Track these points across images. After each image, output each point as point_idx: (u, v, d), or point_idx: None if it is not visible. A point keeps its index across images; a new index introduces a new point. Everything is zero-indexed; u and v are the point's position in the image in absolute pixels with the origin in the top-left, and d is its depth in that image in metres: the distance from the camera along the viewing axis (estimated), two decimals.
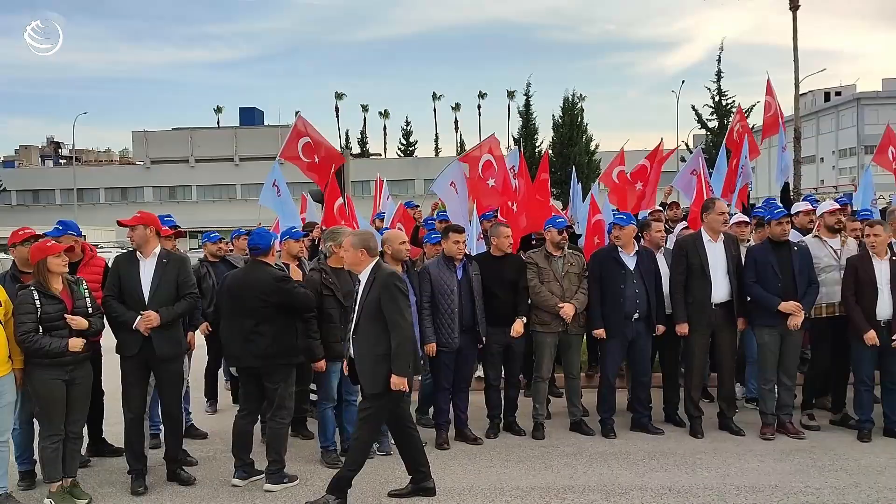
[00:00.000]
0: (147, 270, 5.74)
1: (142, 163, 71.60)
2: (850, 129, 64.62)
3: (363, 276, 5.35)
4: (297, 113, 9.71)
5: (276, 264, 6.19)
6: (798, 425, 6.88)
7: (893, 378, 6.66)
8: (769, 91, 10.51)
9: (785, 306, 6.60)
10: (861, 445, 6.51)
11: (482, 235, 8.10)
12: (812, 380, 7.23)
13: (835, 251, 6.98)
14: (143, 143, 71.29)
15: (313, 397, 6.92)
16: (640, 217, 8.56)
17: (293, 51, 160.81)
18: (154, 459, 6.15)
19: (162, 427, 6.22)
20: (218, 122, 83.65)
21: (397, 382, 5.14)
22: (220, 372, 8.39)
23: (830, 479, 5.74)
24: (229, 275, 6.29)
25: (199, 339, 7.52)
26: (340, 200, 8.64)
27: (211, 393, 8.28)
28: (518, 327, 6.82)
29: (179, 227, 7.26)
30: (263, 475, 5.86)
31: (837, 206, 7.24)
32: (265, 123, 75.06)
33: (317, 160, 9.14)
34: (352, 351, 5.41)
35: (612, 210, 8.78)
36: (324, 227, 8.08)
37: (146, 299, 5.67)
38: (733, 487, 5.60)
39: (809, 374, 7.26)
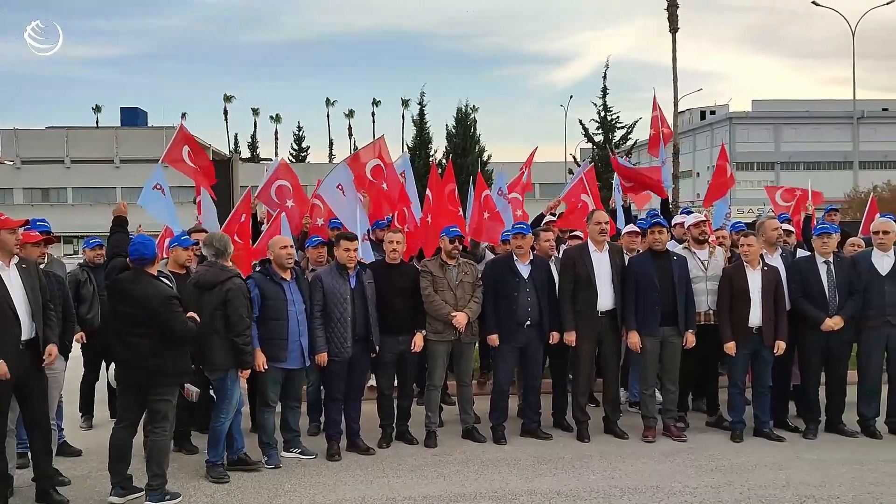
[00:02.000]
0: (14, 282, 5.32)
1: (11, 162, 67.09)
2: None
3: None
4: (183, 115, 9.39)
5: (164, 272, 5.96)
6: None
7: (763, 382, 7.08)
8: (655, 107, 10.92)
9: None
10: (734, 445, 6.88)
11: (366, 237, 8.01)
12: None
13: (702, 262, 7.32)
14: (13, 141, 66.85)
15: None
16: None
17: (181, 50, 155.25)
18: (21, 480, 5.73)
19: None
20: (97, 122, 79.67)
21: None
22: (107, 382, 7.91)
23: (707, 478, 6.03)
24: (114, 281, 5.90)
25: (73, 348, 7.08)
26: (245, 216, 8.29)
27: (86, 407, 7.81)
28: (419, 341, 6.83)
29: (51, 232, 6.79)
30: (143, 492, 5.57)
31: (702, 219, 7.62)
32: (148, 124, 71.98)
33: (201, 164, 8.89)
34: None
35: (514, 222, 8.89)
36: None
37: (24, 315, 5.29)
38: (618, 489, 5.79)
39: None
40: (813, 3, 40.62)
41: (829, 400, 7.26)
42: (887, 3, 40.14)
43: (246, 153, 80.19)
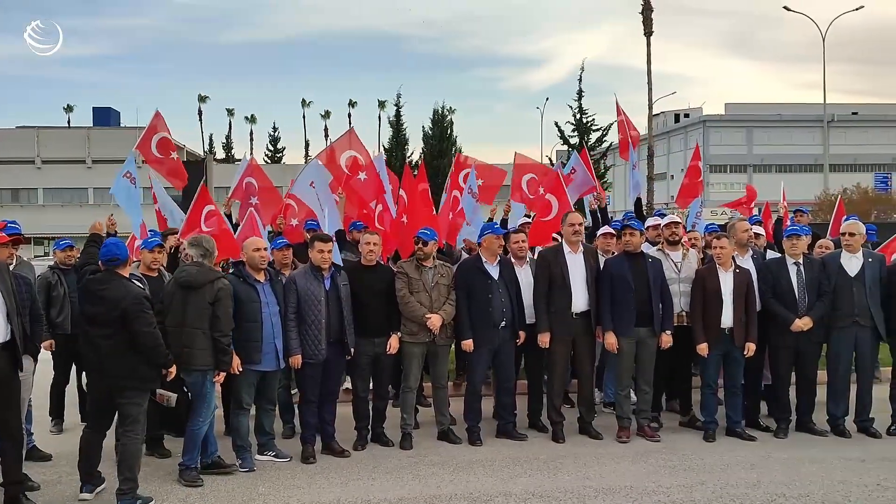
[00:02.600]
0: None
1: None
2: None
3: None
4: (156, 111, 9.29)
5: (136, 275, 5.90)
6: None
7: (735, 382, 7.17)
8: (619, 112, 11.04)
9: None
10: (707, 445, 6.95)
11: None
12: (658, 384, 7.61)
13: (675, 264, 7.39)
14: None
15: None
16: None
17: (155, 49, 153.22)
18: None
19: None
20: (68, 122, 78.56)
21: None
22: (77, 385, 7.81)
23: (680, 478, 6.09)
24: (87, 282, 5.76)
25: (43, 352, 6.98)
26: (210, 207, 8.20)
27: (56, 411, 7.69)
28: (394, 343, 6.82)
29: (21, 234, 6.69)
30: (109, 485, 5.55)
31: (675, 220, 7.69)
32: (121, 125, 71.09)
33: (174, 156, 8.83)
34: None
35: (484, 222, 8.92)
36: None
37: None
38: (592, 490, 5.83)
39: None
40: (784, 8, 41.21)
41: (800, 400, 7.36)
42: (857, 9, 40.90)
43: (221, 154, 79.52)
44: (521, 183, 9.94)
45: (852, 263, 7.17)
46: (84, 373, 7.10)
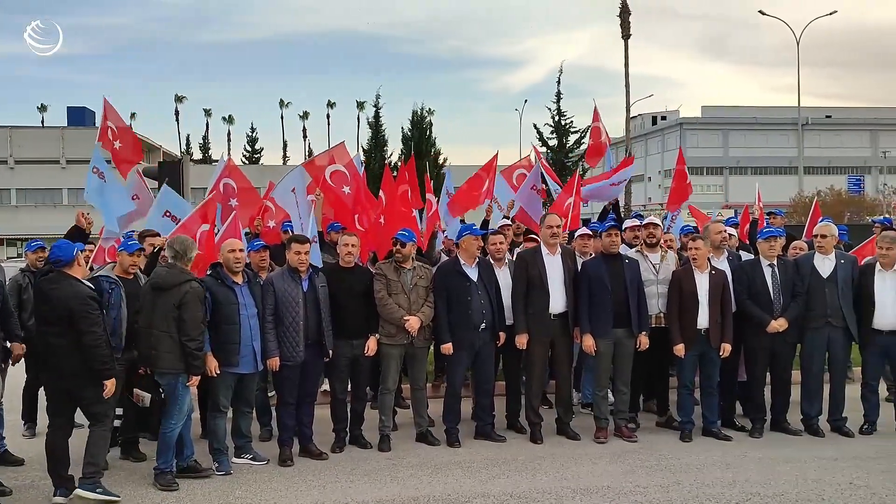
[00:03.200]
0: None
1: None
2: (674, 150, 70.01)
3: None
4: (133, 114, 9.30)
5: (109, 276, 5.83)
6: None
7: (711, 382, 7.23)
8: (596, 118, 11.09)
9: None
10: (683, 445, 7.01)
11: (315, 239, 7.97)
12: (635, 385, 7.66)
13: (654, 266, 7.44)
14: None
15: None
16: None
17: (131, 49, 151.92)
18: None
19: None
20: (42, 122, 77.55)
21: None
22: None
23: (657, 478, 6.13)
24: (38, 282, 5.84)
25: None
26: (206, 227, 8.10)
27: (29, 415, 7.58)
28: (372, 345, 6.81)
29: None
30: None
31: (654, 221, 7.73)
32: (96, 125, 70.17)
33: (117, 146, 8.76)
34: None
35: (460, 223, 8.95)
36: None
37: None
38: (570, 490, 5.85)
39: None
40: (760, 12, 41.71)
41: (775, 399, 7.44)
42: (830, 14, 41.53)
43: (198, 154, 78.94)
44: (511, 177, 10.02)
45: (825, 265, 7.26)
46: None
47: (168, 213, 8.26)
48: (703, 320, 7.04)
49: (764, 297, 7.21)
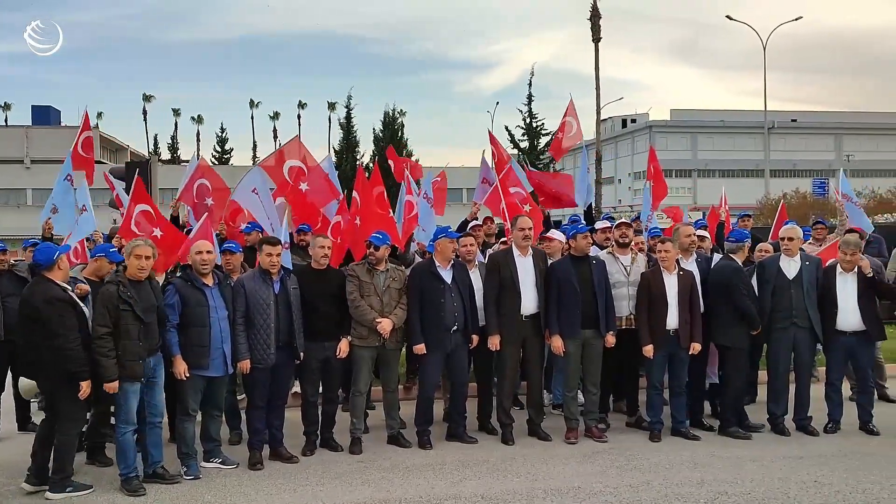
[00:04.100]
0: None
1: None
2: (643, 153, 70.51)
3: None
4: (99, 114, 9.16)
5: (77, 278, 5.78)
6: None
7: (680, 382, 7.31)
8: (569, 112, 11.03)
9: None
10: (653, 445, 7.08)
11: (286, 245, 7.93)
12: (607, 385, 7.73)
13: (625, 267, 7.52)
14: None
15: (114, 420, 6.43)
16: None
17: (98, 46, 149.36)
18: None
19: None
20: (6, 120, 76.03)
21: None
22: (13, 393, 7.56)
23: (627, 478, 6.19)
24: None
25: None
26: (143, 207, 7.98)
27: None
28: (344, 347, 6.78)
29: None
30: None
31: (626, 221, 7.81)
32: (62, 123, 69.06)
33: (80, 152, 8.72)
34: None
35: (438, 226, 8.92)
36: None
37: None
38: (540, 491, 5.88)
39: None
40: (727, 17, 42.33)
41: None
42: (796, 19, 42.29)
43: (166, 155, 77.97)
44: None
45: (790, 266, 7.39)
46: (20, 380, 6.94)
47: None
48: (672, 321, 7.12)
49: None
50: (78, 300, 5.84)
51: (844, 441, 7.16)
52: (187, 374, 6.10)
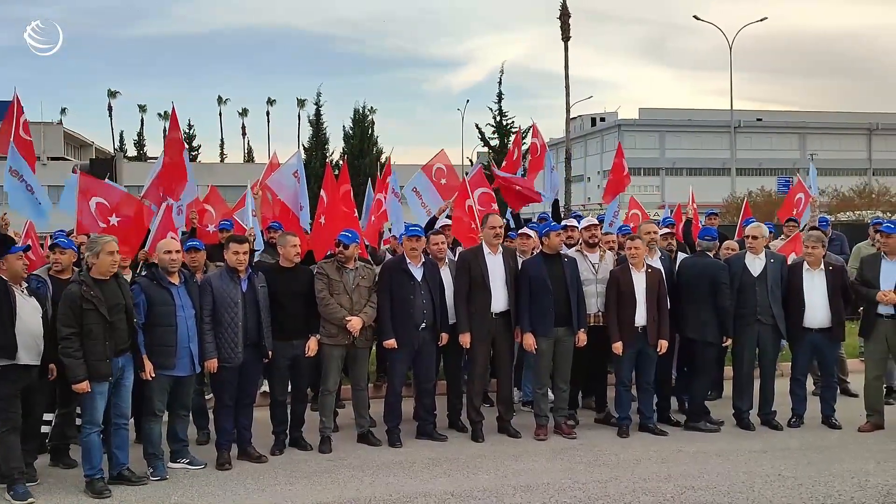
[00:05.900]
0: None
1: None
2: (613, 151, 71.01)
3: None
4: (62, 110, 8.95)
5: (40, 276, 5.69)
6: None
7: (648, 379, 7.39)
8: (535, 134, 11.20)
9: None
10: (621, 441, 7.15)
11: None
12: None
13: (593, 265, 7.57)
14: None
15: (80, 421, 6.33)
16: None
17: (61, 41, 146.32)
18: None
19: None
20: None
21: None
22: None
23: (595, 473, 6.24)
24: None
25: None
26: (100, 200, 7.79)
27: None
28: (313, 345, 6.75)
29: None
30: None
31: (593, 223, 7.90)
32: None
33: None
34: None
35: (406, 224, 8.92)
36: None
37: None
38: (510, 488, 5.91)
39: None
40: (695, 17, 42.83)
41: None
42: (761, 20, 42.91)
43: (132, 151, 76.86)
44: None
45: (755, 264, 7.50)
46: None
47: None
48: (640, 318, 7.19)
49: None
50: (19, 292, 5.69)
51: (807, 435, 7.29)
52: (153, 374, 6.02)
